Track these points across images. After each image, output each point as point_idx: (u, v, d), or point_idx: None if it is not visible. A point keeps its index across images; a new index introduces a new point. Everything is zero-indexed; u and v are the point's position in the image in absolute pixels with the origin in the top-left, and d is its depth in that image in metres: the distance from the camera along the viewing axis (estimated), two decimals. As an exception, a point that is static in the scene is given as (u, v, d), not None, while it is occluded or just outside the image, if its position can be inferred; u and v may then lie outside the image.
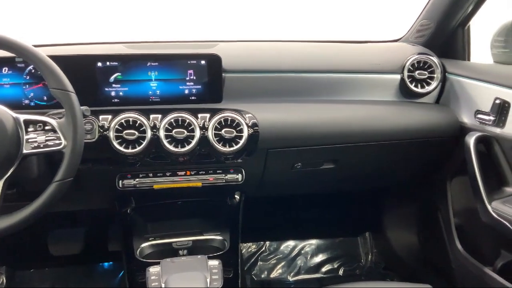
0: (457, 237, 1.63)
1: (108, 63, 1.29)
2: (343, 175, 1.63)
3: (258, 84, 1.45)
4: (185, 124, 1.28)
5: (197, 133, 1.28)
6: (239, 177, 1.44)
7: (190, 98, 1.34)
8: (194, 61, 1.32)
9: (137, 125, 1.26)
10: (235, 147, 1.30)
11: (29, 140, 1.06)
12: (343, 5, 2.42)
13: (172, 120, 1.28)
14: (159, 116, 1.29)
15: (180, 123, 1.28)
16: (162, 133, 1.27)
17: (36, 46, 1.09)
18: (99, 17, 2.24)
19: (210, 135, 1.29)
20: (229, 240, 1.51)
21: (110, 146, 1.25)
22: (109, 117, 1.26)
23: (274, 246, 2.25)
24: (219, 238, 1.53)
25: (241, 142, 1.30)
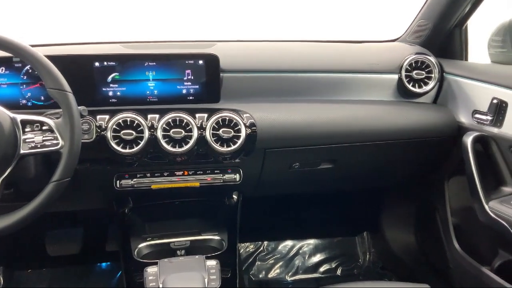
0: (455, 237, 1.63)
1: (106, 63, 1.28)
2: (341, 175, 1.63)
3: (256, 84, 1.45)
4: (183, 124, 1.28)
5: (195, 133, 1.28)
6: (237, 177, 1.44)
7: (188, 98, 1.34)
8: (192, 61, 1.32)
9: (135, 125, 1.25)
10: (233, 147, 1.30)
11: (26, 140, 1.05)
12: (341, 5, 2.43)
13: (170, 120, 1.27)
14: (157, 116, 1.28)
15: (178, 123, 1.28)
16: (160, 133, 1.27)
17: (33, 46, 1.09)
18: (97, 17, 2.23)
19: (208, 135, 1.29)
20: (227, 240, 1.51)
21: (108, 146, 1.24)
22: (107, 117, 1.26)
23: (272, 246, 2.25)
24: (217, 238, 1.53)
25: (239, 142, 1.30)
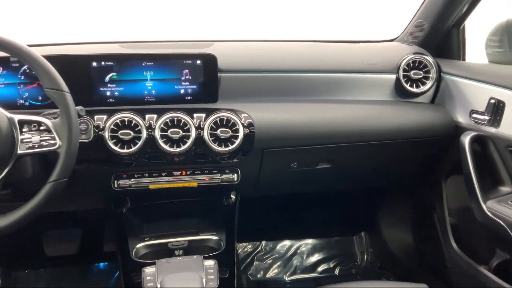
0: (452, 237, 1.63)
1: (103, 63, 1.28)
2: (339, 175, 1.63)
3: (254, 84, 1.45)
4: (181, 124, 1.28)
5: (193, 133, 1.28)
6: (235, 177, 1.44)
7: (186, 98, 1.34)
8: (190, 61, 1.32)
9: (133, 125, 1.25)
10: (231, 147, 1.30)
11: (24, 140, 1.05)
12: (339, 5, 2.43)
13: (168, 120, 1.27)
14: (155, 116, 1.28)
15: (176, 123, 1.27)
16: (158, 133, 1.26)
17: (31, 46, 1.09)
18: (94, 17, 2.23)
19: (206, 135, 1.29)
20: (225, 240, 1.50)
21: (105, 146, 1.24)
22: (104, 117, 1.26)
23: (270, 246, 2.24)
24: (215, 238, 1.52)
25: (237, 142, 1.30)
